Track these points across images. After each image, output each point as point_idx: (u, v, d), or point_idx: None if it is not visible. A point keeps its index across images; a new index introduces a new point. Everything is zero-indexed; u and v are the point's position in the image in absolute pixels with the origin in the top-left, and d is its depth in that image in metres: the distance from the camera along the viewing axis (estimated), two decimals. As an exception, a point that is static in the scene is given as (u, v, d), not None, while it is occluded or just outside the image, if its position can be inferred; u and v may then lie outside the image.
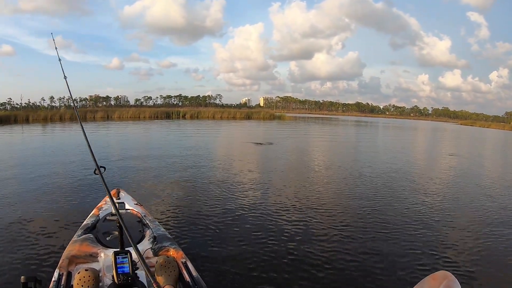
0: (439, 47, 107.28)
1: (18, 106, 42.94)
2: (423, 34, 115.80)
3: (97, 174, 1.97)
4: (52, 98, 58.52)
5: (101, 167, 2.01)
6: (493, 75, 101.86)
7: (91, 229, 2.62)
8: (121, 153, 10.49)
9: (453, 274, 1.38)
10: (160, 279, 1.89)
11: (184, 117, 32.16)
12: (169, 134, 18.28)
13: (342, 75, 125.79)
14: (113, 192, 3.40)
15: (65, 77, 3.01)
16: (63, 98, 59.73)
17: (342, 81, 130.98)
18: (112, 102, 66.32)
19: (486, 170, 11.37)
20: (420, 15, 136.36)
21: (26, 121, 24.21)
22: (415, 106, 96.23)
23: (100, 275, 1.91)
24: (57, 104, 58.42)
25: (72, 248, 2.22)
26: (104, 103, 63.09)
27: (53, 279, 1.85)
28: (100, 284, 1.84)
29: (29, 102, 52.64)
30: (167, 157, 9.70)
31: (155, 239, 2.42)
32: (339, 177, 8.06)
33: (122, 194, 3.40)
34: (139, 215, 2.95)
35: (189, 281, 1.96)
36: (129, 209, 2.99)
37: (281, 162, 10.36)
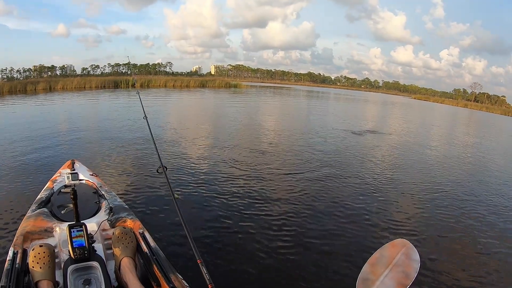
0: (394, 22, 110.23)
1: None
2: (379, 9, 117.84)
3: (161, 173, 2.01)
4: (-8, 70, 52.53)
5: (163, 167, 2.04)
6: (444, 53, 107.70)
7: (45, 203, 2.54)
8: (70, 124, 10.23)
9: (410, 241, 1.56)
10: (117, 251, 1.86)
11: (133, 86, 30.78)
12: (120, 104, 18.14)
13: (296, 44, 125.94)
14: (67, 163, 3.32)
15: (145, 117, 3.05)
16: (5, 70, 54.11)
17: (295, 50, 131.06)
18: (58, 72, 61.26)
19: (444, 142, 12.09)
20: None
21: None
22: (367, 78, 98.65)
23: (56, 250, 1.88)
24: (-1, 76, 52.65)
25: (26, 224, 2.16)
26: (50, 73, 58.11)
27: (7, 257, 1.79)
28: (57, 260, 1.82)
29: (-32, 75, 46.67)
30: (121, 128, 9.52)
31: (111, 210, 2.39)
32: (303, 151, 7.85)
33: (77, 165, 3.30)
34: (94, 186, 2.88)
35: (147, 251, 1.94)
36: (83, 180, 2.87)
37: (239, 129, 10.60)
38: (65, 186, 2.11)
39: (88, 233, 1.84)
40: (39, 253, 1.65)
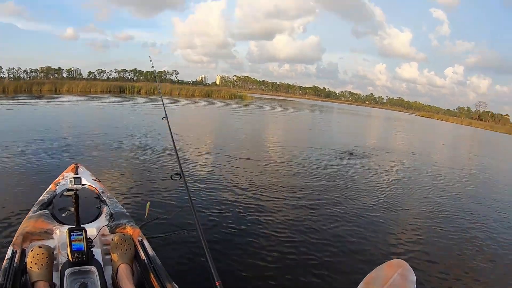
0: (400, 39, 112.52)
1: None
2: (386, 25, 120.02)
3: (176, 179, 1.99)
4: (0, 68, 53.11)
5: (176, 174, 2.02)
6: (449, 71, 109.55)
7: (47, 205, 2.56)
8: (75, 128, 10.13)
9: (407, 262, 1.53)
10: (115, 257, 1.87)
11: (139, 92, 31.20)
12: (125, 110, 18.15)
13: (301, 58, 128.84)
14: (71, 167, 3.33)
15: (165, 117, 3.08)
16: (12, 69, 54.54)
17: (300, 64, 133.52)
18: (65, 75, 61.86)
19: (453, 164, 11.61)
20: (385, 6, 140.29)
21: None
22: (371, 94, 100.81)
23: (54, 252, 1.89)
24: (6, 75, 53.03)
25: (27, 225, 2.18)
26: (56, 75, 58.65)
27: (6, 256, 1.79)
28: (55, 262, 1.83)
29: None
30: (126, 134, 9.57)
31: (112, 216, 2.41)
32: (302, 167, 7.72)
33: (81, 169, 3.32)
34: (96, 191, 2.89)
35: (145, 259, 1.95)
36: (86, 185, 2.92)
37: (249, 131, 11.44)
38: (68, 190, 2.08)
39: (88, 237, 1.86)
40: (37, 254, 1.66)
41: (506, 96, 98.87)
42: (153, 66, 4.31)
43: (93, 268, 1.76)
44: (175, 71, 76.96)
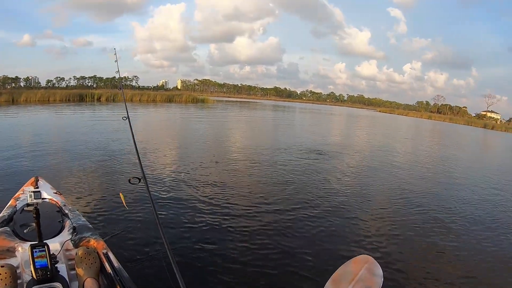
0: (359, 38, 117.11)
1: None
2: (345, 25, 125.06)
3: (133, 184, 1.92)
4: None
5: (135, 177, 1.94)
6: (407, 67, 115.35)
7: (7, 221, 2.50)
8: (34, 139, 9.84)
9: (373, 257, 1.62)
10: (80, 272, 1.87)
11: (99, 99, 31.28)
12: (85, 118, 18.56)
13: (262, 59, 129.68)
14: (31, 180, 3.26)
15: (126, 117, 3.14)
16: None
17: (261, 65, 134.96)
18: (22, 84, 59.94)
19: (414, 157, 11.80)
20: (344, 6, 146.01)
21: None
22: (332, 92, 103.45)
23: (18, 271, 1.87)
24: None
25: None
26: (13, 84, 56.79)
27: None
28: (19, 281, 1.80)
29: None
30: (87, 143, 9.48)
31: (75, 230, 2.39)
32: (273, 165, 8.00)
33: (41, 182, 3.26)
34: (58, 204, 2.87)
35: (111, 272, 1.95)
36: (47, 199, 2.89)
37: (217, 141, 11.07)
38: (28, 205, 2.03)
39: (51, 253, 1.85)
40: (0, 274, 1.63)
41: (463, 89, 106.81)
42: (116, 60, 4.16)
43: (58, 285, 1.74)
44: (136, 76, 75.96)
